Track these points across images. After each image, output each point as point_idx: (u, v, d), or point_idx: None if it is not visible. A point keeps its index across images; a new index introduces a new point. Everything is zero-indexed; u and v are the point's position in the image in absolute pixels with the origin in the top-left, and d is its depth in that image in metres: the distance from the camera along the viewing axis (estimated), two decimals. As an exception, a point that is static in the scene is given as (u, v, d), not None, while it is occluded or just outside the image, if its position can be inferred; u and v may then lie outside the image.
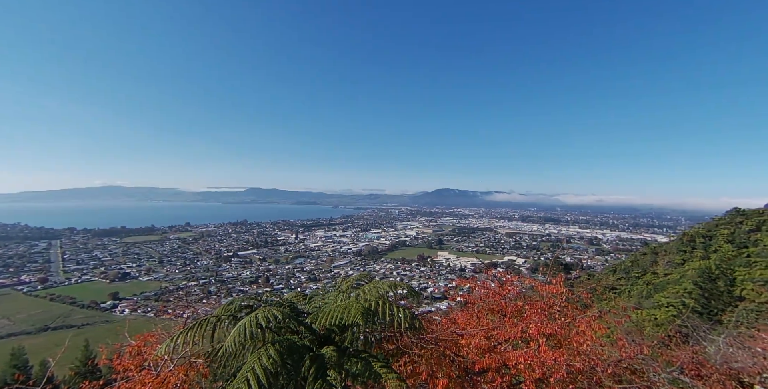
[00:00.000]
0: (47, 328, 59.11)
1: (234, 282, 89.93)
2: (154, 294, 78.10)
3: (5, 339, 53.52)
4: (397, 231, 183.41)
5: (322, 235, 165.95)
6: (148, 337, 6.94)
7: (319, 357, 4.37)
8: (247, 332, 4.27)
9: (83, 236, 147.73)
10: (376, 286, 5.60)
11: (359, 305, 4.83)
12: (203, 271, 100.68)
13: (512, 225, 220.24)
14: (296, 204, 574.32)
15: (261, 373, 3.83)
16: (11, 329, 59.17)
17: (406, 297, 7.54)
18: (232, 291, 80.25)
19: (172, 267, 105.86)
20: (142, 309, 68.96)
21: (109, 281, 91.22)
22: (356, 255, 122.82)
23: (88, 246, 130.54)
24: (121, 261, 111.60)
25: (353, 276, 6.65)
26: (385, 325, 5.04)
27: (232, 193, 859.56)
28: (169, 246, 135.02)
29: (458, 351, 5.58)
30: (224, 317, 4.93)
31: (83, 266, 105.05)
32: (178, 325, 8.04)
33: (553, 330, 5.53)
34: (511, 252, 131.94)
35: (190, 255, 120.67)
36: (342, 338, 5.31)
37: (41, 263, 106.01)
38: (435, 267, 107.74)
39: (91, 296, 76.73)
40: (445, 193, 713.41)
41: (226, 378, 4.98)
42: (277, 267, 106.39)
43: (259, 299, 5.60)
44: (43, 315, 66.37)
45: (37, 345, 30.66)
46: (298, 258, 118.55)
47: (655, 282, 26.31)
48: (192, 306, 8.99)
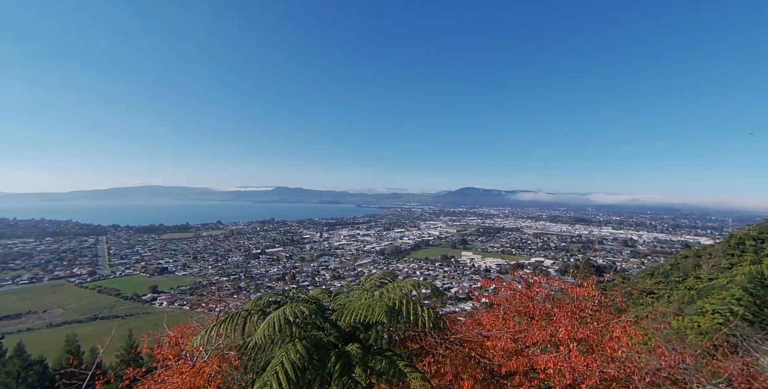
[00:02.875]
0: (96, 318, 64.03)
1: (262, 278, 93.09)
2: (189, 289, 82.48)
3: (60, 326, 58.58)
4: (420, 231, 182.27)
5: (346, 234, 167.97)
6: (185, 329, 7.38)
7: (345, 354, 4.45)
8: (276, 326, 4.41)
9: (126, 232, 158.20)
10: (399, 285, 5.61)
11: (383, 303, 4.86)
12: (234, 267, 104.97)
13: (539, 225, 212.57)
14: (321, 203, 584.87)
15: (289, 367, 3.95)
16: (65, 317, 64.64)
17: (430, 297, 7.50)
18: (261, 287, 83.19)
19: (205, 263, 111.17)
20: (179, 302, 72.94)
21: (149, 275, 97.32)
22: (379, 254, 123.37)
23: (130, 242, 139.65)
24: (160, 256, 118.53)
25: (376, 274, 6.68)
26: (409, 324, 5.05)
27: (260, 192, 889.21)
28: (202, 243, 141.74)
29: (484, 352, 5.48)
30: (254, 311, 5.13)
31: (126, 261, 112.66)
32: (211, 318, 8.49)
33: (585, 334, 5.31)
34: (538, 253, 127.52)
35: (222, 252, 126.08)
36: (366, 336, 5.38)
37: (90, 257, 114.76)
38: (459, 267, 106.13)
39: (133, 289, 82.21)
40: (469, 192, 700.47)
41: (255, 371, 5.19)
42: (302, 264, 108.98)
43: (286, 295, 5.75)
44: (92, 305, 71.94)
45: (87, 333, 33.25)
46: (322, 256, 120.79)
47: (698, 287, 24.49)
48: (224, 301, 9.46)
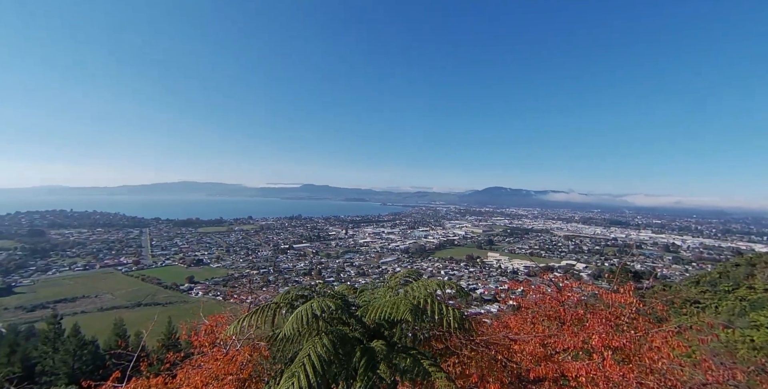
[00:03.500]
0: (140, 304, 68.98)
1: (290, 273, 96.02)
2: (222, 280, 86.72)
3: (109, 310, 63.65)
4: (445, 230, 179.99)
5: (371, 232, 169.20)
6: (219, 318, 7.81)
7: (369, 350, 4.50)
8: (303, 320, 4.54)
9: (166, 225, 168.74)
10: (424, 284, 5.60)
11: (408, 302, 4.87)
12: (263, 261, 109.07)
13: (571, 227, 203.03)
14: (346, 200, 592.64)
15: (316, 360, 4.06)
16: (114, 302, 70.19)
17: (455, 297, 7.42)
18: (288, 281, 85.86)
19: (236, 256, 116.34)
20: (213, 292, 76.87)
21: (186, 266, 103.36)
22: (404, 253, 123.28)
23: (170, 234, 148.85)
24: (196, 248, 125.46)
25: (401, 272, 6.69)
26: (433, 324, 5.03)
27: (288, 189, 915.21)
28: (234, 237, 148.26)
29: (511, 356, 5.35)
30: (283, 304, 5.30)
31: (166, 252, 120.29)
32: (243, 309, 8.92)
33: (621, 343, 5.03)
34: (569, 256, 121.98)
35: (252, 246, 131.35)
36: (391, 333, 5.41)
37: (135, 248, 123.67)
38: (485, 268, 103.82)
39: (172, 278, 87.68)
40: (496, 191, 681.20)
41: (284, 362, 5.39)
42: (328, 260, 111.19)
43: (313, 290, 5.89)
44: (136, 292, 77.58)
45: (132, 318, 35.87)
46: (347, 252, 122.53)
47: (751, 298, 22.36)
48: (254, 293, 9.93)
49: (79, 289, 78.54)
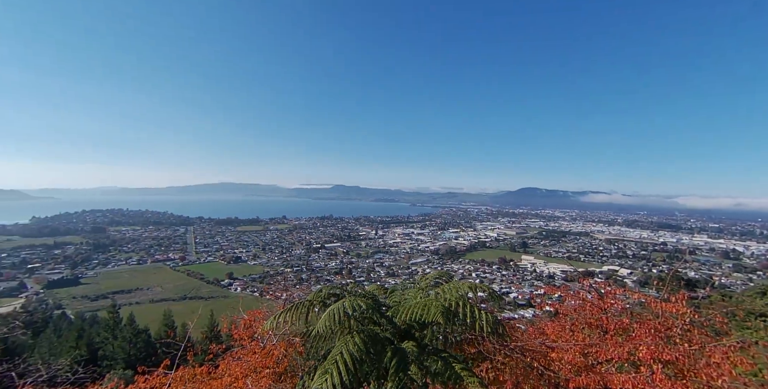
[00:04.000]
0: (185, 297, 73.99)
1: (321, 271, 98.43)
2: (259, 277, 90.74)
3: (159, 302, 68.87)
4: (477, 232, 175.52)
5: (400, 232, 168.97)
6: (257, 313, 8.20)
7: (400, 351, 4.52)
8: (335, 318, 4.65)
9: (208, 224, 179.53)
10: (455, 286, 5.51)
11: (439, 304, 4.83)
12: (296, 260, 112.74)
13: (614, 230, 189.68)
14: (376, 201, 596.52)
15: (348, 358, 4.14)
16: (163, 295, 75.90)
17: (487, 301, 7.23)
18: (320, 279, 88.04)
19: (272, 254, 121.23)
20: (250, 288, 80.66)
21: (226, 263, 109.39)
22: (433, 254, 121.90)
23: (211, 232, 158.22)
24: (235, 246, 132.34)
25: (431, 274, 6.64)
26: (465, 327, 4.94)
27: (319, 189, 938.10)
28: (269, 236, 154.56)
29: (548, 364, 5.12)
30: (315, 302, 5.46)
31: (208, 249, 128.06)
32: (278, 305, 9.29)
33: (673, 356, 4.64)
34: (612, 261, 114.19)
35: (286, 245, 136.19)
36: (422, 335, 5.39)
37: (181, 244, 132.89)
38: (519, 271, 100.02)
39: (214, 274, 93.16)
40: (531, 192, 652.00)
41: (317, 358, 5.55)
42: (358, 260, 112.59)
43: (345, 289, 6.00)
44: (182, 286, 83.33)
45: (178, 310, 38.55)
46: (377, 253, 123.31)
47: (835, 312, 19.67)
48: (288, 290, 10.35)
49: (134, 282, 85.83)
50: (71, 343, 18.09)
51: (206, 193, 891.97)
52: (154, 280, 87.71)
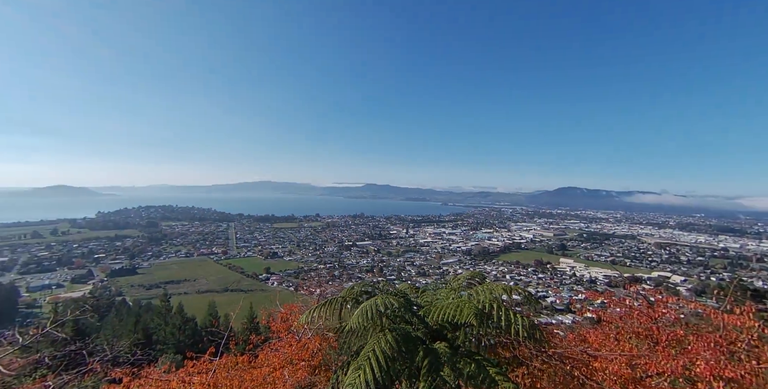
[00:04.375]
0: (227, 289, 78.64)
1: (353, 269, 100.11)
2: (294, 272, 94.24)
3: (204, 293, 73.77)
4: (511, 233, 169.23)
5: (431, 232, 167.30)
6: (293, 307, 8.57)
7: (433, 351, 4.50)
8: (368, 315, 4.72)
9: (247, 220, 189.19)
10: (489, 288, 5.38)
11: (472, 305, 4.74)
12: (329, 257, 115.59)
13: (665, 233, 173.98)
14: (407, 200, 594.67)
15: (380, 355, 4.19)
16: (207, 286, 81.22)
17: (522, 304, 6.99)
18: (352, 276, 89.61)
19: (306, 251, 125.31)
20: (286, 283, 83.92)
21: (263, 258, 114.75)
22: (465, 254, 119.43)
23: (250, 228, 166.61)
24: (272, 242, 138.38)
25: (463, 274, 6.53)
26: (500, 330, 4.81)
27: (351, 188, 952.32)
28: (303, 233, 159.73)
29: (591, 374, 4.84)
30: (348, 299, 5.59)
31: (247, 244, 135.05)
32: (312, 300, 9.64)
33: (737, 374, 4.19)
34: (662, 266, 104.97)
35: (319, 242, 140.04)
36: (454, 336, 5.32)
37: (223, 239, 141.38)
38: (556, 274, 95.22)
39: (252, 268, 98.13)
40: (570, 192, 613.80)
41: (350, 354, 5.68)
42: (389, 259, 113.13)
43: (377, 287, 6.07)
44: (224, 279, 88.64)
45: (221, 301, 41.00)
46: (408, 252, 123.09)
47: None
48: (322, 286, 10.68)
49: (182, 273, 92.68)
50: (130, 327, 19.97)
51: (246, 191, 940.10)
52: (200, 272, 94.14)
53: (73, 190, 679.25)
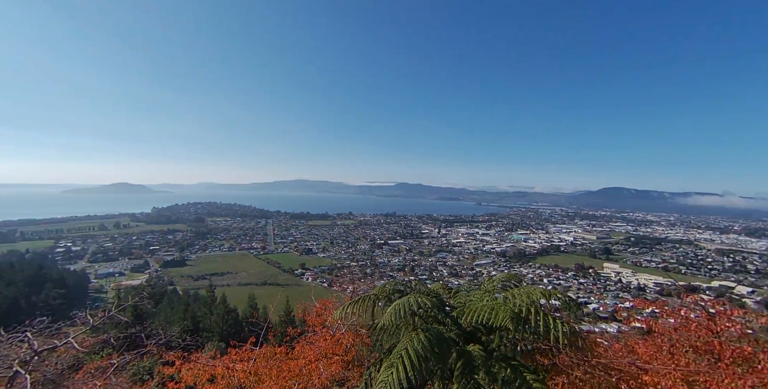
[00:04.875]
0: (265, 283, 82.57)
1: (385, 267, 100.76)
2: (328, 269, 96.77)
3: (245, 286, 78.00)
4: (549, 235, 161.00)
5: (464, 232, 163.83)
6: (327, 303, 8.84)
7: (466, 353, 4.43)
8: (400, 313, 4.76)
9: (284, 217, 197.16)
10: (526, 291, 5.19)
11: (508, 308, 4.62)
12: (361, 254, 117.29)
13: (728, 239, 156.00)
14: (439, 199, 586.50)
15: (413, 354, 4.20)
16: (247, 279, 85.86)
17: (562, 310, 6.65)
18: (384, 275, 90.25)
19: (339, 248, 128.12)
20: (320, 279, 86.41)
21: (299, 254, 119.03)
22: (500, 256, 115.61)
23: (286, 225, 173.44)
24: (306, 239, 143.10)
25: (498, 276, 6.35)
26: (538, 336, 4.62)
27: (383, 187, 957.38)
28: (337, 230, 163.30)
29: (640, 388, 4.51)
30: (381, 297, 5.66)
31: (284, 240, 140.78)
32: (346, 297, 9.87)
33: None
34: (725, 275, 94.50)
35: (352, 240, 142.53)
36: (488, 339, 5.20)
37: (262, 235, 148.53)
38: (600, 280, 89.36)
39: (288, 263, 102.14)
40: (616, 192, 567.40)
41: (382, 351, 5.75)
42: (421, 258, 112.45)
43: (409, 286, 6.09)
44: (263, 273, 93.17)
45: (259, 294, 43.08)
46: (440, 252, 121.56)
47: None
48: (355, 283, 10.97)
49: (225, 266, 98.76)
50: (180, 315, 21.68)
51: (283, 189, 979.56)
52: (241, 266, 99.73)
53: (133, 187, 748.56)
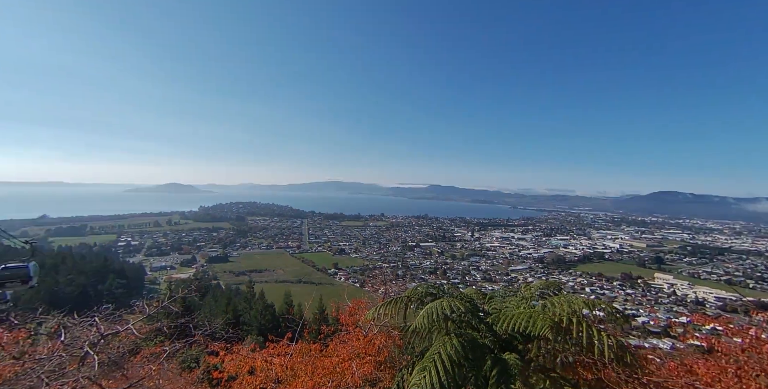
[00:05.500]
0: (300, 281, 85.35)
1: (416, 269, 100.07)
2: (360, 269, 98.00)
3: (281, 283, 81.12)
4: (592, 241, 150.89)
5: (499, 236, 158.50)
6: (360, 303, 9.00)
7: (501, 361, 4.32)
8: (433, 317, 4.72)
9: (318, 218, 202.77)
10: (567, 300, 4.95)
11: (547, 317, 4.44)
12: (393, 256, 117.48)
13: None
14: (472, 202, 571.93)
15: (446, 359, 4.16)
16: (283, 277, 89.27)
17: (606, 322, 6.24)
18: (415, 277, 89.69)
19: (371, 249, 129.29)
20: (352, 279, 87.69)
21: (332, 253, 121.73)
22: (537, 262, 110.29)
23: (320, 225, 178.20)
24: (339, 239, 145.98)
25: (536, 283, 6.13)
26: (581, 348, 4.38)
27: (415, 189, 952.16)
28: (369, 231, 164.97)
29: (698, 412, 4.11)
30: (413, 299, 5.66)
31: (318, 240, 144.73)
32: (378, 298, 9.96)
33: None
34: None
35: (384, 241, 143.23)
36: (525, 348, 5.02)
37: (297, 234, 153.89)
38: (650, 291, 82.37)
39: (322, 262, 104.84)
40: (669, 197, 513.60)
41: (414, 354, 5.74)
42: (453, 262, 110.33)
43: (441, 289, 6.02)
44: (298, 271, 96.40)
45: (295, 292, 44.63)
46: (473, 255, 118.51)
47: None
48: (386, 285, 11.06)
49: (263, 263, 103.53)
50: (223, 308, 23.06)
51: (318, 190, 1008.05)
52: (278, 264, 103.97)
53: (182, 187, 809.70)
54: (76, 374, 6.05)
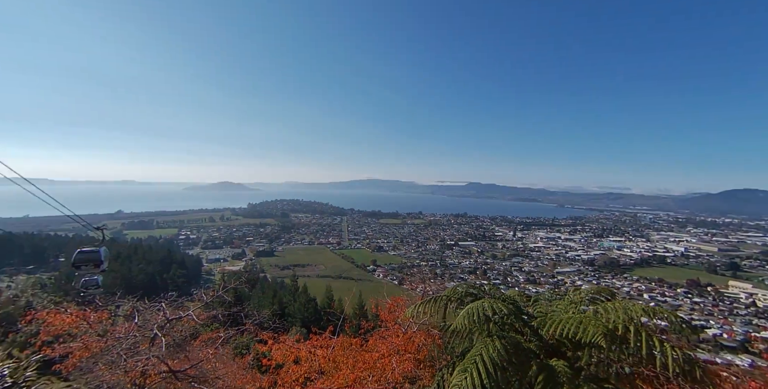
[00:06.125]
0: (340, 276, 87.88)
1: (455, 269, 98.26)
2: (398, 267, 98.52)
3: (323, 278, 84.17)
4: (651, 243, 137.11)
5: (543, 236, 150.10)
6: (399, 300, 9.07)
7: (549, 368, 4.12)
8: (474, 317, 4.62)
9: (357, 215, 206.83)
10: (623, 306, 4.57)
11: (599, 323, 4.15)
12: (431, 254, 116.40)
13: None
14: (515, 200, 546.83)
15: (488, 361, 4.05)
16: (324, 272, 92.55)
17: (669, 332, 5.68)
18: (454, 276, 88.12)
19: (409, 247, 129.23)
20: (390, 276, 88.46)
21: (370, 250, 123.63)
22: (586, 264, 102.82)
23: (359, 222, 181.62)
24: (378, 237, 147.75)
25: (587, 288, 5.72)
26: (640, 359, 4.04)
27: (454, 187, 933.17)
28: (407, 229, 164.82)
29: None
30: (453, 298, 5.57)
31: (357, 237, 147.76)
32: (417, 296, 9.98)
33: None
34: None
35: (422, 239, 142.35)
36: (575, 355, 4.74)
37: (337, 231, 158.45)
38: (723, 300, 73.24)
39: (361, 259, 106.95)
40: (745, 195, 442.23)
41: (454, 354, 5.67)
42: (494, 262, 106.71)
43: (482, 290, 5.86)
44: (338, 267, 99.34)
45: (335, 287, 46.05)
46: (515, 256, 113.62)
47: None
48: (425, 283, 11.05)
49: (306, 258, 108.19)
50: (269, 300, 24.50)
51: (357, 188, 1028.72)
52: (319, 259, 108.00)
53: (233, 186, 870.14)
54: (147, 353, 6.87)
